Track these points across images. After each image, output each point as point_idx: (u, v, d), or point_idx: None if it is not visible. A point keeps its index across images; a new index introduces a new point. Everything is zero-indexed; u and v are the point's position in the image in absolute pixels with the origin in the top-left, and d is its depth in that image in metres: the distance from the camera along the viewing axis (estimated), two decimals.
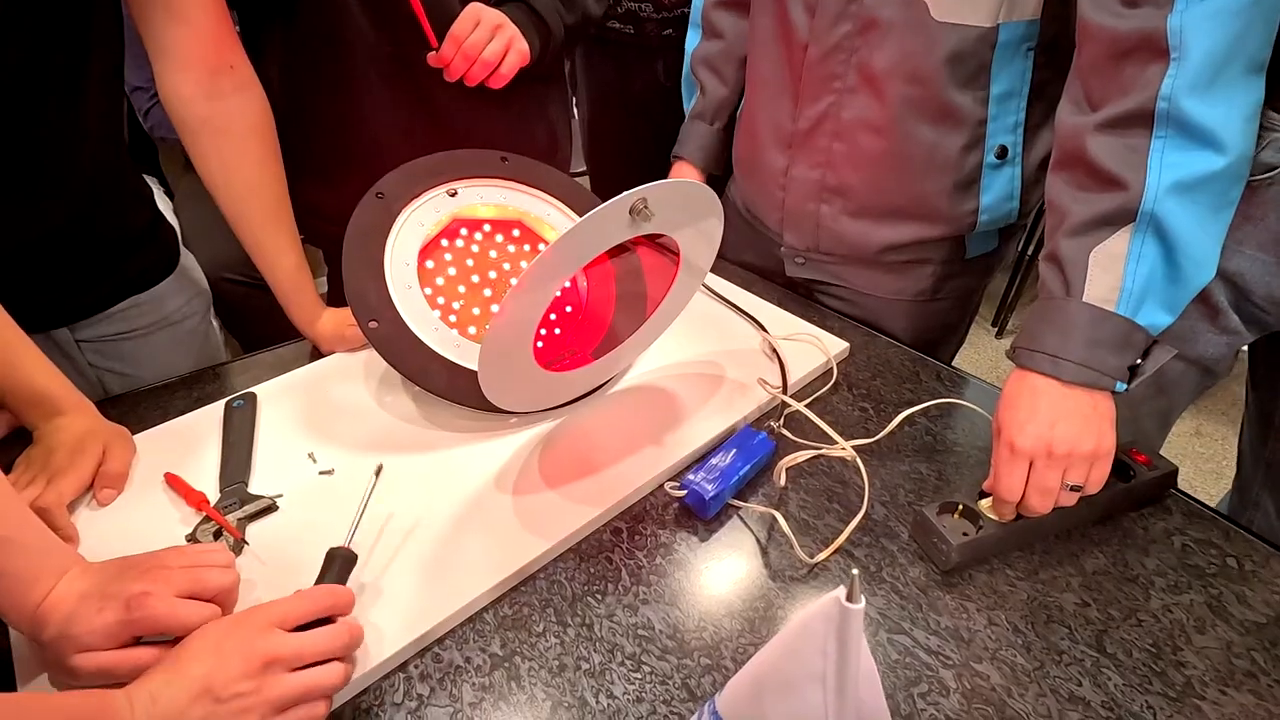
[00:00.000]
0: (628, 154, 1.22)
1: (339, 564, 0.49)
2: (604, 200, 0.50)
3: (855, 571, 0.28)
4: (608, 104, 1.22)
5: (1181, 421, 1.24)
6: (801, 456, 0.64)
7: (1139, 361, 0.51)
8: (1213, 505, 0.62)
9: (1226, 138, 0.47)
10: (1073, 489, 0.52)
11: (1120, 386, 0.51)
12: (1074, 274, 0.51)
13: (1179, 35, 0.47)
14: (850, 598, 0.25)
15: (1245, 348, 0.75)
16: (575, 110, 1.37)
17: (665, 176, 0.96)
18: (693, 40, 0.89)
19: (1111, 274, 0.50)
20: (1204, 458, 1.83)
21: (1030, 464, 0.52)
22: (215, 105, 0.66)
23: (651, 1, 1.04)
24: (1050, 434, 0.51)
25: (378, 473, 0.58)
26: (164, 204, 1.39)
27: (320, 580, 0.49)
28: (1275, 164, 0.58)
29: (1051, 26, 0.61)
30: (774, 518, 0.58)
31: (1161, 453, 0.61)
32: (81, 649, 0.41)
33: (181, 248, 0.83)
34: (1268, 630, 0.51)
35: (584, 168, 1.43)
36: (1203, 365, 0.70)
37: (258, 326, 1.40)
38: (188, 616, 0.43)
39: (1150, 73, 0.48)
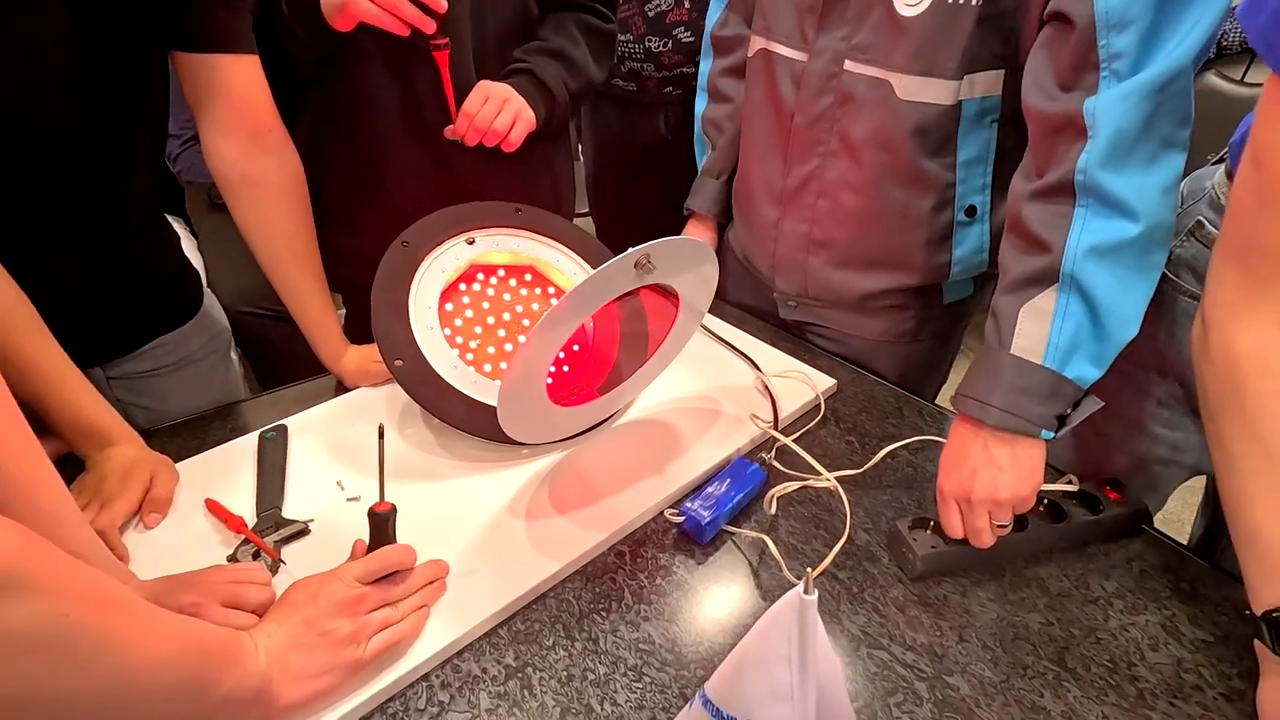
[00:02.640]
0: (630, 199, 1.30)
1: (386, 522, 0.57)
2: (608, 244, 0.57)
3: (809, 569, 0.33)
4: (611, 153, 1.30)
5: None
6: (791, 486, 0.69)
7: (1068, 411, 0.57)
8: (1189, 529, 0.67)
9: (1139, 207, 0.54)
10: (1000, 526, 0.58)
11: (1046, 434, 0.57)
12: (1005, 327, 0.58)
13: (1094, 116, 0.54)
14: (806, 591, 0.30)
15: None
16: (580, 154, 1.45)
17: (665, 220, 1.04)
18: (701, 103, 0.97)
19: (1039, 328, 0.56)
20: (1190, 489, 1.86)
21: (965, 505, 0.58)
22: (254, 164, 0.73)
23: (653, 62, 1.13)
24: (970, 483, 0.57)
25: (381, 434, 0.64)
26: (189, 243, 1.46)
27: (374, 541, 0.56)
28: None
29: (1012, 100, 0.69)
30: (765, 542, 0.63)
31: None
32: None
33: (205, 288, 0.90)
34: (1215, 648, 0.56)
35: (586, 209, 1.51)
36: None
37: (275, 357, 1.46)
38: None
39: (1074, 149, 0.55)
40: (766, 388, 0.81)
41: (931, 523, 0.63)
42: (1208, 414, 0.51)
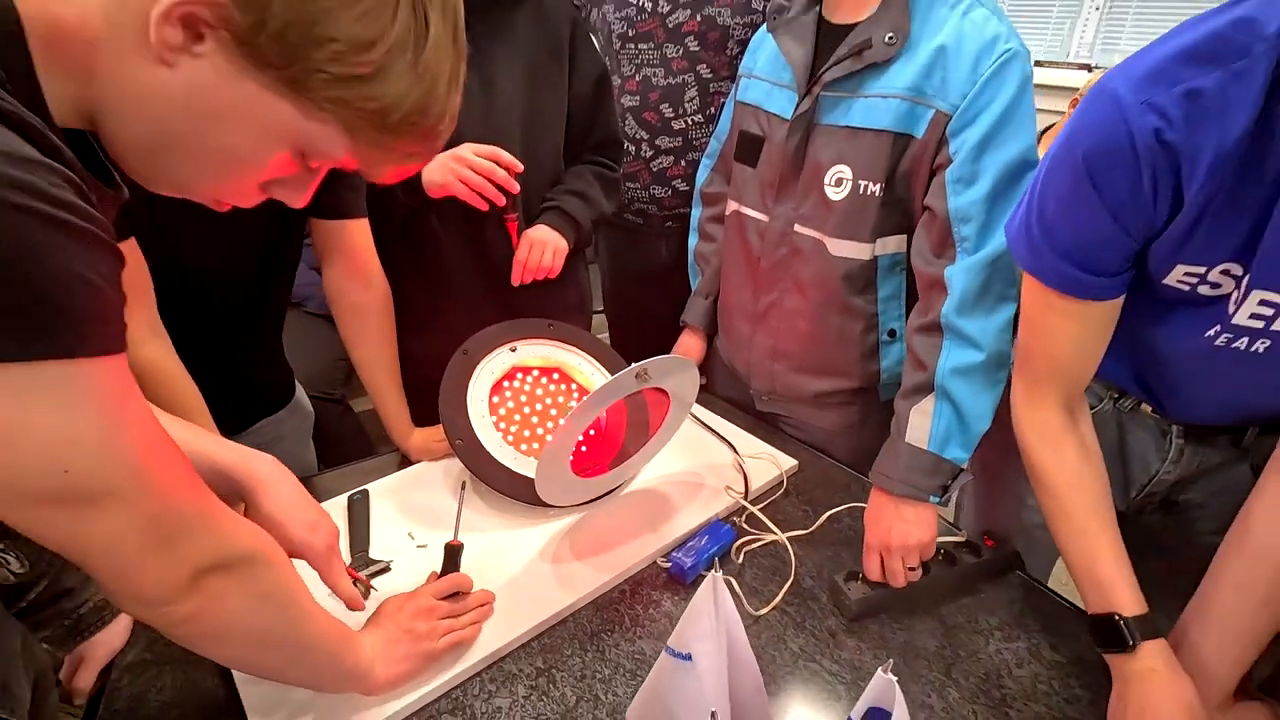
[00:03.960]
0: (638, 308, 1.57)
1: (457, 554, 0.81)
2: (620, 343, 0.81)
3: (716, 561, 0.54)
4: (622, 273, 1.58)
5: None
6: (755, 543, 0.90)
7: (950, 483, 0.79)
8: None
9: (984, 342, 0.77)
10: (911, 569, 0.78)
11: (934, 499, 0.79)
12: (901, 423, 0.81)
13: (951, 280, 0.79)
14: (714, 570, 0.51)
15: None
16: (597, 263, 1.73)
17: (666, 325, 1.29)
18: (693, 240, 1.24)
19: (924, 424, 0.79)
20: None
21: (883, 554, 0.78)
22: (360, 296, 0.98)
23: (656, 204, 1.42)
24: (887, 535, 0.78)
25: (464, 488, 0.86)
26: None
27: (445, 568, 0.79)
28: None
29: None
30: (732, 583, 0.83)
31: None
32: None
33: (295, 380, 1.14)
34: (1065, 667, 0.75)
35: (600, 306, 1.77)
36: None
37: (329, 433, 1.70)
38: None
39: (940, 300, 0.80)
40: (741, 466, 1.03)
41: (861, 575, 0.83)
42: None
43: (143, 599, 0.47)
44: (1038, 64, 2.62)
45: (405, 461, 1.07)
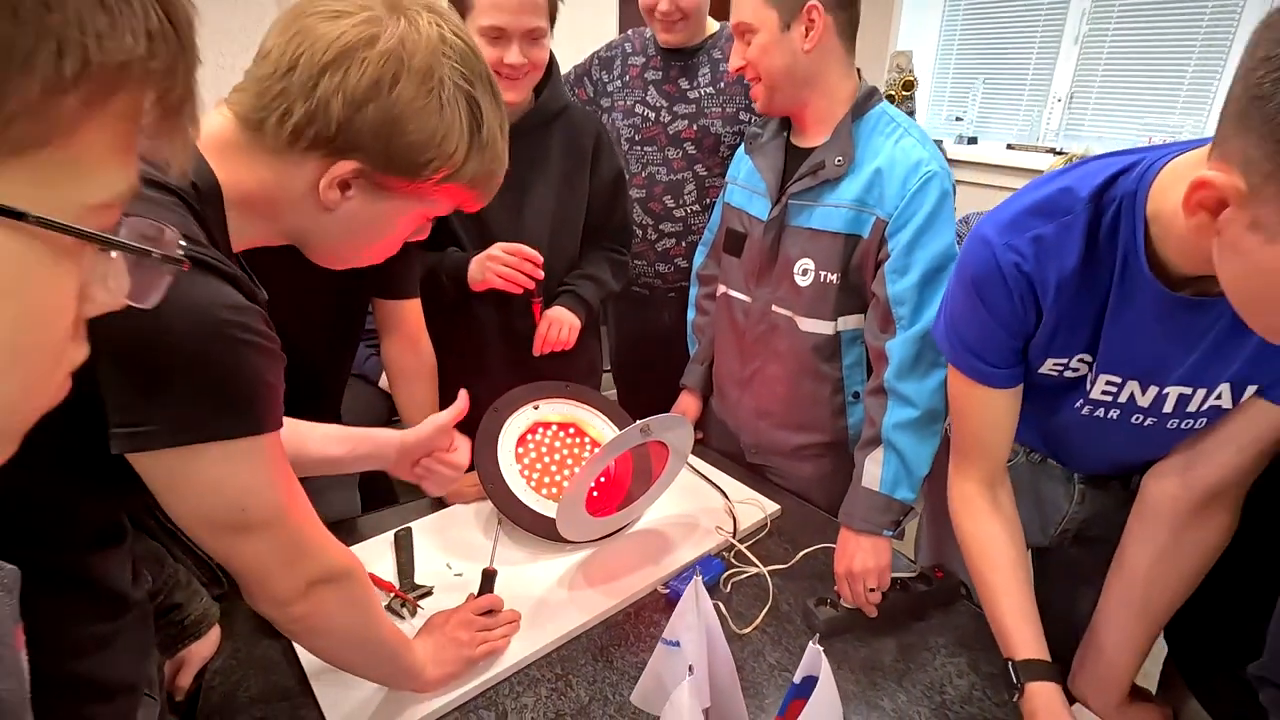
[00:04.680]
0: (644, 370, 1.76)
1: (493, 578, 0.96)
2: (628, 402, 0.98)
3: (698, 569, 0.70)
4: (630, 339, 1.78)
5: None
6: (740, 575, 1.05)
7: (901, 519, 0.95)
8: None
9: (919, 401, 0.95)
10: (872, 591, 0.94)
11: (888, 533, 0.95)
12: (859, 470, 0.98)
13: (891, 351, 0.97)
14: (695, 574, 0.67)
15: None
16: (607, 327, 1.92)
17: (668, 385, 1.47)
18: (690, 314, 1.44)
19: (876, 471, 0.96)
20: None
21: (848, 579, 0.94)
22: (411, 363, 1.17)
23: (660, 278, 1.63)
24: (851, 563, 0.94)
25: (500, 522, 1.01)
26: None
27: (482, 590, 0.94)
28: None
29: None
30: (720, 607, 0.98)
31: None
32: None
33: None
34: (996, 679, 0.89)
35: (608, 366, 1.96)
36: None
37: (363, 481, 1.87)
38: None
39: (884, 367, 0.98)
40: (730, 510, 1.19)
41: (830, 601, 0.98)
42: None
43: (273, 600, 0.65)
44: (1009, 147, 2.88)
45: (439, 504, 1.23)
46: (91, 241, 0.27)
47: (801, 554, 1.09)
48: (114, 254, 0.29)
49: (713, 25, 1.52)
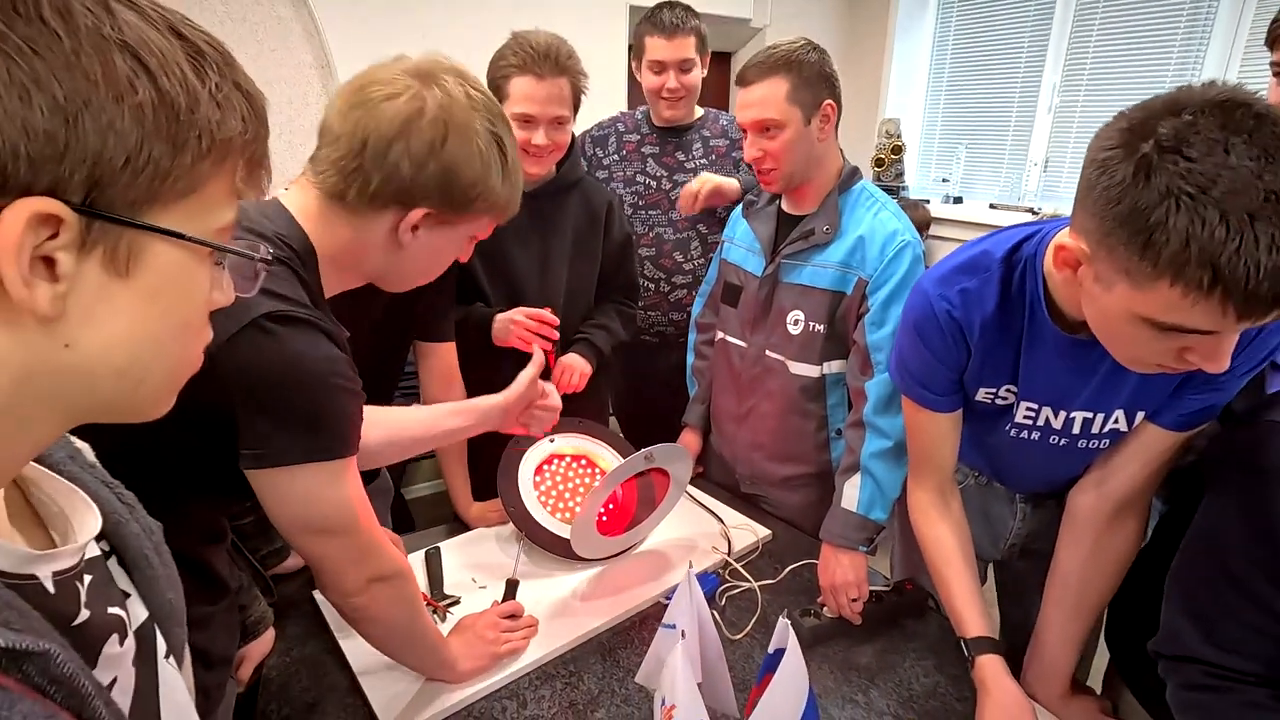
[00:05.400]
0: (648, 409, 1.91)
1: (516, 587, 1.09)
2: (633, 436, 1.12)
3: (690, 561, 0.83)
4: (637, 381, 1.94)
5: None
6: (734, 590, 1.18)
7: (875, 536, 1.08)
8: None
9: (891, 433, 1.09)
10: (853, 600, 1.06)
11: (863, 549, 1.08)
12: (839, 493, 1.11)
13: (869, 390, 1.12)
14: (690, 567, 0.80)
15: None
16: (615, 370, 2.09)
17: (669, 423, 1.61)
18: (690, 358, 1.60)
19: (854, 493, 1.10)
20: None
21: (831, 592, 1.07)
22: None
23: (673, 325, 1.80)
24: (832, 577, 1.07)
25: (520, 540, 1.15)
26: None
27: (505, 597, 1.07)
28: None
29: None
30: (715, 616, 1.10)
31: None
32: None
33: None
34: (958, 679, 1.01)
35: (612, 410, 2.11)
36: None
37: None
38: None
39: (863, 404, 1.12)
40: (726, 534, 1.32)
41: (813, 612, 1.10)
42: None
43: (340, 591, 0.79)
44: (992, 206, 3.08)
45: (462, 528, 1.37)
46: (222, 251, 0.39)
47: (788, 570, 1.22)
48: (225, 267, 0.41)
49: (698, 110, 1.74)
